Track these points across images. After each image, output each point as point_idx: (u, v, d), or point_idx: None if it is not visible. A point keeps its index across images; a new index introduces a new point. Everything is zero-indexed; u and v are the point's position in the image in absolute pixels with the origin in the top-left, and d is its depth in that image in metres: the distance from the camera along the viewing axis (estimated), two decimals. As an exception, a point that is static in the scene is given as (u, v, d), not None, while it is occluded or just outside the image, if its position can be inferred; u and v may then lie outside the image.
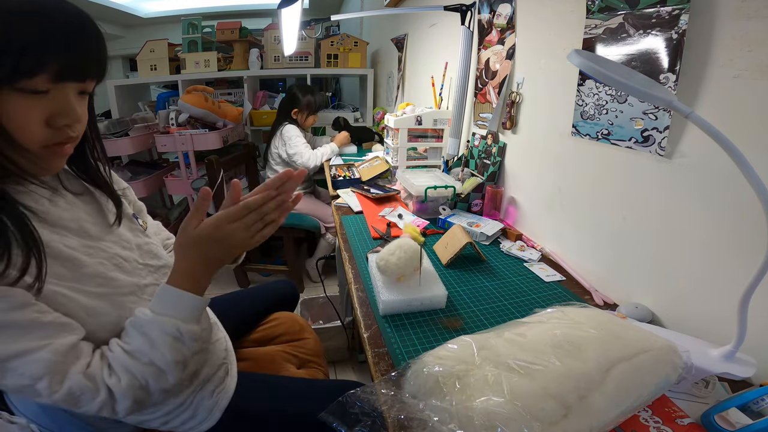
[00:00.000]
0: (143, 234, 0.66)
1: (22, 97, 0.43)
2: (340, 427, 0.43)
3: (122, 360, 0.49)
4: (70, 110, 0.47)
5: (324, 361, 0.98)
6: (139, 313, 0.52)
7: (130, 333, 0.51)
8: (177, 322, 0.51)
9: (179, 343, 0.51)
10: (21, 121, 0.44)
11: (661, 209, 0.66)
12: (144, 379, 0.49)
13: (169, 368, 0.50)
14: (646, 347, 0.47)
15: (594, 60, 0.44)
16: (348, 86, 3.96)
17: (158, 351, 0.50)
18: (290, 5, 1.29)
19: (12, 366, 0.43)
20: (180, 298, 0.52)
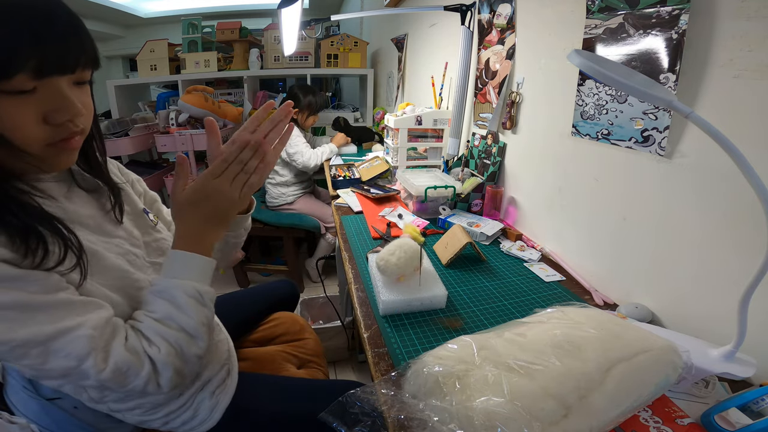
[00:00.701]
0: (153, 230, 0.65)
1: (7, 99, 0.41)
2: (340, 427, 0.43)
3: (155, 328, 0.50)
4: (66, 104, 0.45)
5: (324, 361, 0.98)
6: (158, 282, 0.52)
7: (152, 302, 0.51)
8: (194, 284, 0.52)
9: (201, 305, 0.52)
10: (13, 123, 0.42)
11: (661, 209, 0.66)
12: (179, 345, 0.50)
13: (197, 332, 0.51)
14: (646, 347, 0.47)
15: (594, 60, 0.44)
16: (348, 86, 3.96)
17: (185, 314, 0.51)
18: (290, 5, 1.29)
19: (56, 347, 0.43)
20: (189, 259, 0.53)
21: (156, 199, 0.76)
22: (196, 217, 0.54)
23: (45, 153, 0.46)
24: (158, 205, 0.76)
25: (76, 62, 0.45)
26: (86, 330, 0.44)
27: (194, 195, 0.53)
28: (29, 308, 0.42)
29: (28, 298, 0.42)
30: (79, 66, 0.45)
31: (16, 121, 0.42)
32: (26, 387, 0.58)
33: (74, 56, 0.45)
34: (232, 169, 0.54)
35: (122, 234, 0.58)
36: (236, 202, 0.55)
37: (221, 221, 0.56)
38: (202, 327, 0.52)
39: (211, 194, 0.53)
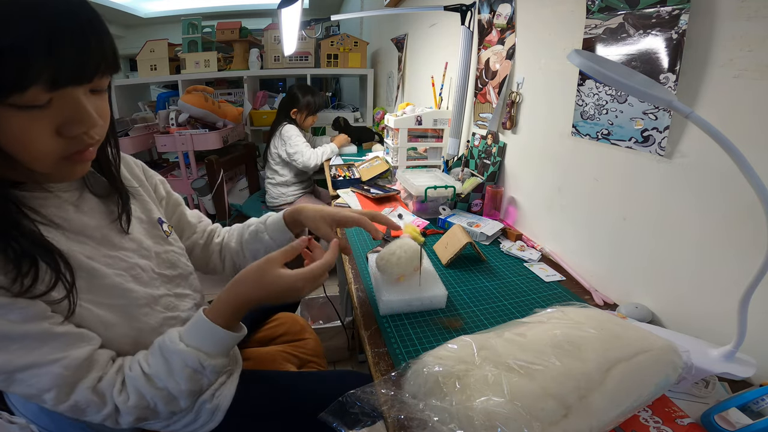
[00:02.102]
0: (165, 241, 0.64)
1: (19, 113, 0.38)
2: (340, 427, 0.43)
3: (137, 382, 0.48)
4: (82, 116, 0.41)
5: (324, 361, 0.98)
6: (168, 339, 0.50)
7: (154, 354, 0.50)
8: (202, 356, 0.49)
9: (198, 375, 0.50)
10: (25, 138, 0.39)
11: (661, 209, 0.66)
12: (153, 402, 0.49)
13: (181, 396, 0.50)
14: (646, 347, 0.47)
15: (594, 60, 0.44)
16: (348, 86, 3.96)
17: (174, 380, 0.49)
18: (290, 5, 1.29)
19: (20, 377, 0.42)
20: (214, 332, 0.50)
21: (180, 202, 0.74)
22: (255, 297, 0.52)
23: (57, 166, 0.43)
24: (182, 209, 0.75)
25: (95, 70, 0.41)
26: (57, 368, 0.43)
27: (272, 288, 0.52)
28: (5, 338, 0.41)
29: (6, 327, 0.41)
30: (98, 74, 0.42)
31: (29, 136, 0.39)
32: (26, 387, 0.58)
33: (93, 64, 0.41)
34: (318, 282, 0.55)
35: (130, 245, 0.57)
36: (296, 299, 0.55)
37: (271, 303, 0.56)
38: (189, 393, 0.51)
39: (288, 293, 0.53)
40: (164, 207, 0.71)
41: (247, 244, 0.80)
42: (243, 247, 0.80)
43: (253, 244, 0.79)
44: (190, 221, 0.77)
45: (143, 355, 0.51)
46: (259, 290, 0.52)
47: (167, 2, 3.54)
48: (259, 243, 0.78)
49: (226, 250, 0.81)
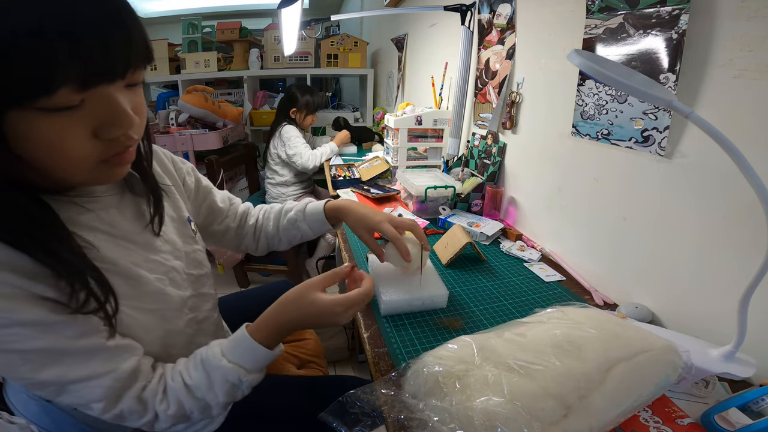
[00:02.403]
0: (192, 240, 0.63)
1: (51, 117, 0.35)
2: (340, 427, 0.43)
3: (179, 392, 0.49)
4: (120, 116, 0.38)
5: (324, 361, 0.98)
6: (211, 353, 0.51)
7: (196, 367, 0.51)
8: (242, 372, 0.50)
9: (236, 389, 0.51)
10: (60, 144, 0.36)
11: (661, 209, 0.66)
12: (190, 411, 0.50)
13: (217, 406, 0.51)
14: (646, 347, 0.47)
15: (594, 60, 0.44)
16: (348, 86, 3.96)
17: (213, 392, 0.50)
18: (290, 5, 1.29)
19: (72, 389, 0.43)
20: (255, 350, 0.51)
21: (210, 188, 0.74)
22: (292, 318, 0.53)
23: (96, 172, 0.41)
24: (212, 195, 0.75)
25: (128, 64, 0.38)
26: (108, 381, 0.44)
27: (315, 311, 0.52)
28: (59, 353, 0.41)
29: (62, 343, 0.41)
30: (130, 68, 0.38)
31: (64, 141, 0.36)
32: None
33: (125, 58, 0.37)
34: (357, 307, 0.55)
35: (166, 247, 0.56)
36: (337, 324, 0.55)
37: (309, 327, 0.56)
38: (225, 405, 0.52)
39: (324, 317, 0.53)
40: (194, 196, 0.70)
41: (284, 230, 0.81)
42: (279, 232, 0.82)
43: (290, 230, 0.81)
44: (220, 207, 0.77)
45: (184, 366, 0.52)
46: (296, 311, 0.53)
47: (167, 2, 3.53)
48: (296, 230, 0.80)
49: (262, 233, 0.82)
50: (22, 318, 0.38)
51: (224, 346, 0.52)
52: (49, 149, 0.36)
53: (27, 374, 0.40)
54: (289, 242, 0.82)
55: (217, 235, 0.78)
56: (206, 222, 0.75)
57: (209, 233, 0.77)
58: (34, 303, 0.39)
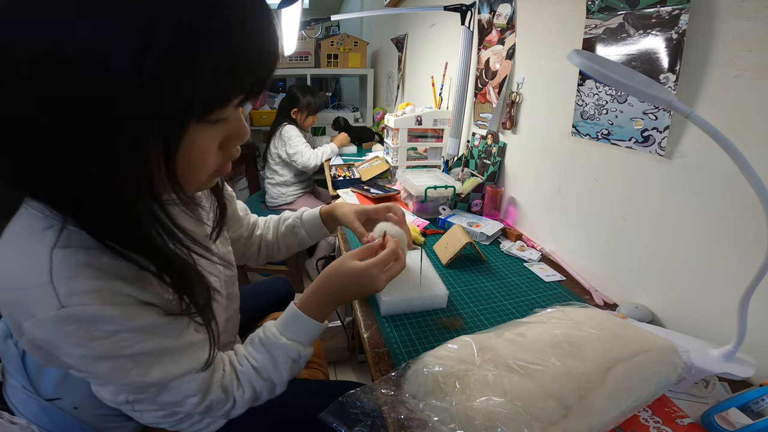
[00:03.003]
0: (227, 242, 0.65)
1: (208, 129, 0.37)
2: (340, 427, 0.43)
3: (249, 375, 0.52)
4: (243, 130, 0.41)
5: (324, 361, 0.98)
6: (269, 333, 0.54)
7: (258, 349, 0.54)
8: (299, 347, 0.54)
9: (296, 365, 0.55)
10: (203, 154, 0.38)
11: (661, 209, 0.66)
12: (260, 392, 0.53)
13: (282, 384, 0.54)
14: (646, 347, 0.47)
15: (594, 60, 0.44)
16: (348, 86, 3.96)
17: (278, 371, 0.53)
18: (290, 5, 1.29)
19: (173, 386, 0.45)
20: (308, 324, 0.55)
21: (233, 195, 0.75)
22: (335, 287, 0.57)
23: (207, 181, 0.42)
24: (234, 202, 0.76)
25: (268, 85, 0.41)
26: (201, 372, 0.46)
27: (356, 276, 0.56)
28: (162, 353, 0.43)
29: (166, 343, 0.43)
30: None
31: (207, 153, 0.39)
32: (26, 387, 0.58)
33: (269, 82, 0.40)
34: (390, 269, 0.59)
35: (215, 250, 0.58)
36: (374, 292, 0.59)
37: (351, 300, 0.60)
38: (287, 382, 0.55)
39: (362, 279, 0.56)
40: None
41: (282, 237, 0.83)
42: (278, 239, 0.83)
43: (288, 237, 0.82)
44: (239, 215, 0.78)
45: (245, 351, 0.55)
46: (337, 280, 0.57)
47: (167, 2, 3.53)
48: (294, 237, 0.82)
49: (263, 242, 0.84)
50: (132, 324, 0.40)
51: (279, 325, 0.55)
52: (198, 159, 0.38)
53: (137, 377, 0.42)
54: (287, 249, 0.84)
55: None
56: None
57: None
58: (142, 309, 0.41)
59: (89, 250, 0.37)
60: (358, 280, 0.56)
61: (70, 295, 0.36)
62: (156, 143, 0.33)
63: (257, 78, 0.37)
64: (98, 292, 0.37)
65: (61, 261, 0.36)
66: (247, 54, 0.35)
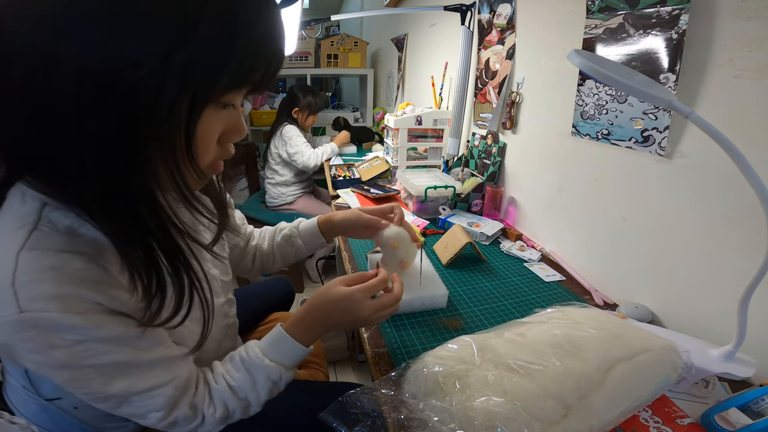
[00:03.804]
0: (223, 248, 0.64)
1: (216, 112, 0.38)
2: (340, 427, 0.43)
3: (224, 393, 0.50)
4: (241, 124, 0.43)
5: (324, 361, 0.98)
6: (251, 353, 0.52)
7: (238, 368, 0.52)
8: (282, 369, 0.52)
9: (275, 387, 0.53)
10: (208, 137, 0.39)
11: (661, 209, 0.66)
12: (234, 411, 0.51)
13: (258, 405, 0.53)
14: (646, 347, 0.47)
15: (594, 60, 0.44)
16: (348, 86, 3.96)
17: (256, 391, 0.52)
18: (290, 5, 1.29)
19: (135, 399, 0.43)
20: (293, 348, 0.53)
21: (232, 204, 0.73)
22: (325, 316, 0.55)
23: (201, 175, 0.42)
24: (232, 211, 0.74)
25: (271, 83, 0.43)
26: (170, 389, 0.44)
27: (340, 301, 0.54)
28: (129, 365, 0.41)
29: (136, 356, 0.41)
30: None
31: (210, 136, 0.39)
32: (26, 387, 0.58)
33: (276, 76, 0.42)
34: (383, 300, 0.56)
35: (208, 256, 0.56)
36: (362, 325, 0.57)
37: (339, 327, 0.58)
38: (263, 403, 0.53)
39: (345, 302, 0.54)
40: None
41: (278, 247, 0.82)
42: (274, 250, 0.82)
43: (284, 247, 0.81)
44: (235, 224, 0.77)
45: (223, 368, 0.53)
46: (323, 303, 0.55)
47: (167, 2, 3.53)
48: (290, 247, 0.81)
49: (257, 252, 0.83)
50: (98, 334, 0.38)
51: (263, 345, 0.54)
52: (204, 144, 0.39)
53: (98, 388, 0.40)
54: (283, 260, 0.83)
55: None
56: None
57: None
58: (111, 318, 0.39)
59: (60, 254, 0.36)
60: (343, 304, 0.54)
61: (31, 301, 0.34)
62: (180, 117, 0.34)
63: (269, 70, 0.39)
64: (62, 299, 0.35)
65: (27, 264, 0.35)
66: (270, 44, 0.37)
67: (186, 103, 0.34)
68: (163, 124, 0.34)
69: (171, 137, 0.35)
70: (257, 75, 0.38)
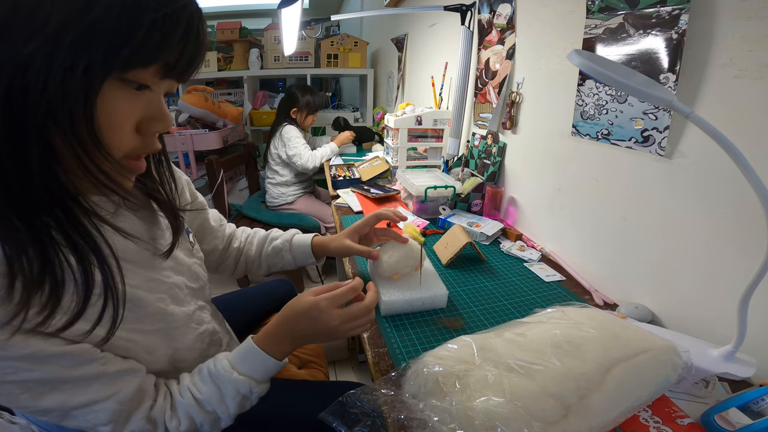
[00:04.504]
0: (191, 253, 0.62)
1: (122, 92, 0.37)
2: (340, 427, 0.43)
3: (189, 408, 0.49)
4: (164, 114, 0.41)
5: (324, 361, 0.98)
6: (220, 366, 0.51)
7: (205, 381, 0.51)
8: (252, 383, 0.51)
9: (246, 401, 0.52)
10: (115, 121, 0.37)
11: (661, 209, 0.66)
12: (201, 425, 0.50)
13: (228, 419, 0.52)
14: (646, 347, 0.47)
15: (594, 60, 0.44)
16: (348, 86, 3.96)
17: (225, 405, 0.50)
18: (290, 5, 1.29)
19: (76, 414, 0.42)
20: (264, 361, 0.52)
21: (204, 205, 0.72)
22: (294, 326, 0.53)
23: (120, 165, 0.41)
24: (205, 213, 0.73)
25: (193, 71, 0.42)
26: (112, 404, 0.43)
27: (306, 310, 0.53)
28: (58, 381, 0.40)
29: (60, 373, 0.40)
30: (188, 75, 0.42)
31: (121, 120, 0.38)
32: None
33: (197, 66, 0.42)
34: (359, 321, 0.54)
35: (168, 263, 0.54)
36: (333, 338, 0.54)
37: (310, 340, 0.55)
38: (234, 417, 0.52)
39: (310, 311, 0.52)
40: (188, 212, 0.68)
41: (267, 257, 0.81)
42: (261, 258, 0.81)
43: (273, 258, 0.81)
44: (212, 226, 0.76)
45: (190, 381, 0.52)
46: (291, 314, 0.53)
47: (167, 2, 3.53)
48: (279, 259, 0.81)
49: (243, 256, 0.82)
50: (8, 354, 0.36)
51: (232, 358, 0.52)
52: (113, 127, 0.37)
53: (27, 402, 0.39)
54: (268, 268, 0.82)
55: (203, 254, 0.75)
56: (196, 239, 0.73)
57: None
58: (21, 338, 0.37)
59: None
60: (309, 314, 0.52)
61: None
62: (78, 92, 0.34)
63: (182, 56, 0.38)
64: None
65: None
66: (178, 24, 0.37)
67: (79, 76, 0.33)
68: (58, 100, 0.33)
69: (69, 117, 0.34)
70: (170, 54, 0.37)
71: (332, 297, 0.53)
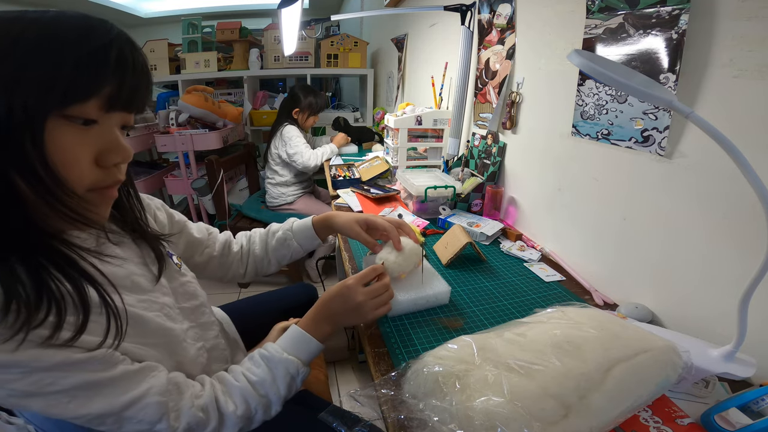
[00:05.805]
0: (179, 274, 0.62)
1: (70, 128, 0.38)
2: (340, 427, 0.43)
3: (245, 390, 0.53)
4: (119, 146, 0.42)
5: (323, 361, 0.98)
6: (271, 348, 0.57)
7: (257, 364, 0.56)
8: (299, 363, 0.56)
9: (294, 382, 0.56)
10: (70, 157, 0.39)
11: (661, 209, 0.66)
12: (255, 410, 0.53)
13: (278, 402, 0.55)
14: (646, 347, 0.47)
15: (594, 60, 0.44)
16: (348, 86, 3.96)
17: (276, 386, 0.54)
18: (290, 5, 1.29)
19: (128, 415, 0.43)
20: (308, 342, 0.59)
21: (183, 223, 0.73)
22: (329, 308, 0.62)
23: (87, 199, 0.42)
24: (187, 229, 0.73)
25: (141, 102, 0.44)
26: (155, 397, 0.45)
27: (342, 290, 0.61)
28: (95, 385, 0.42)
29: (95, 377, 0.41)
30: (140, 107, 0.44)
31: (74, 156, 0.39)
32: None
33: (142, 94, 0.44)
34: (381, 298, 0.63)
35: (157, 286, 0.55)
36: (365, 320, 0.63)
37: (344, 324, 0.63)
38: (284, 399, 0.56)
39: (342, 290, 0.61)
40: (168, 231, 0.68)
41: (273, 251, 0.82)
42: (269, 253, 0.82)
43: (280, 250, 0.82)
44: (198, 238, 0.76)
45: (244, 367, 0.56)
46: (327, 295, 0.62)
47: (167, 2, 3.53)
48: (286, 249, 0.82)
49: (250, 257, 0.82)
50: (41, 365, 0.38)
51: (281, 342, 0.58)
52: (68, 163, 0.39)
53: (80, 410, 0.40)
54: (278, 263, 0.83)
55: (199, 266, 0.76)
56: (186, 255, 0.74)
57: (190, 266, 0.73)
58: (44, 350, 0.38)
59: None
60: (341, 292, 0.61)
61: None
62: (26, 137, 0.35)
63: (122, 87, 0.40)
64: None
65: None
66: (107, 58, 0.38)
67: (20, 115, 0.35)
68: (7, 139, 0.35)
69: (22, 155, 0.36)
70: (106, 88, 0.39)
71: (358, 276, 0.63)
